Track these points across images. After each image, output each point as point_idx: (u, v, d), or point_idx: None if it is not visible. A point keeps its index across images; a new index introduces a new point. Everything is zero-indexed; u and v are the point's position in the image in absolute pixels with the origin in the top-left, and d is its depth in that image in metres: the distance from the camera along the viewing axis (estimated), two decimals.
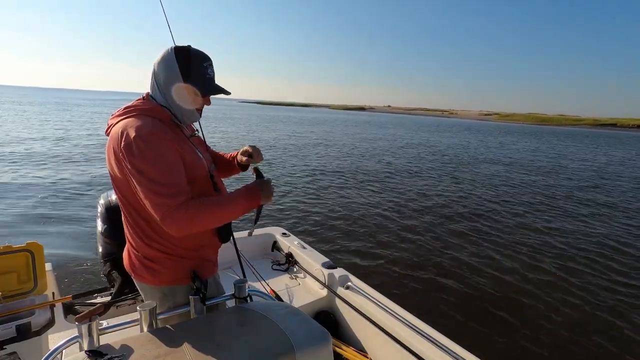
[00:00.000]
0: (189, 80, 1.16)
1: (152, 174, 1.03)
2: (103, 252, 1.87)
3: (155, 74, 1.18)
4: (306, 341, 1.01)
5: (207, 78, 1.18)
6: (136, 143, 1.02)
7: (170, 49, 1.16)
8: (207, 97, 1.23)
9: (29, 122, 18.59)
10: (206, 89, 1.19)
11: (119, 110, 1.16)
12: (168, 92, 1.17)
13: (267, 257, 3.05)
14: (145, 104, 1.16)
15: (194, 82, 1.16)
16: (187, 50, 1.16)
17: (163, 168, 1.04)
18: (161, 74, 1.16)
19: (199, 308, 1.19)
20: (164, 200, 1.03)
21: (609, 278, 4.42)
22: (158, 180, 1.03)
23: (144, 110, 1.13)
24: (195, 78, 1.16)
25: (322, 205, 6.84)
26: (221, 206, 1.13)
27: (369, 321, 2.02)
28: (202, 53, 1.19)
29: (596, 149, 26.16)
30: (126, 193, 1.14)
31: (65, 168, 8.60)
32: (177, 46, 1.17)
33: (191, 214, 1.04)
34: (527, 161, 15.84)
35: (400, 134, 29.29)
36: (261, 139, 18.09)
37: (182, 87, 1.16)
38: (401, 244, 5.11)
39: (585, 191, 9.84)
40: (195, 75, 1.16)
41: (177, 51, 1.15)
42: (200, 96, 1.20)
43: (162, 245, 1.18)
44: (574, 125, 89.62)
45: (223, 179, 1.47)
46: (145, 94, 1.21)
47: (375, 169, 11.32)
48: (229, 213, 1.16)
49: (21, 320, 1.36)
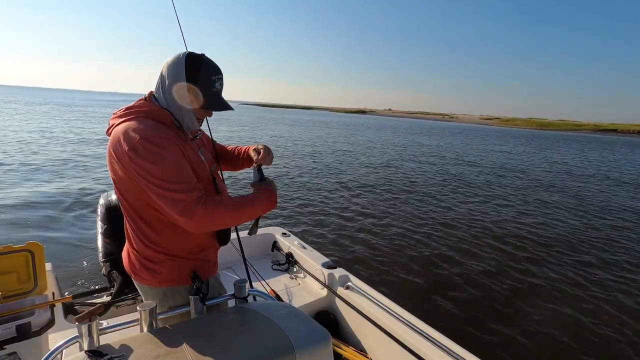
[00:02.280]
0: (194, 85, 1.14)
1: (162, 174, 1.02)
2: (103, 252, 1.88)
3: (162, 76, 1.16)
4: (306, 341, 1.01)
5: (213, 91, 1.16)
6: (142, 145, 1.01)
7: (183, 54, 1.15)
8: (209, 110, 1.22)
9: (28, 122, 18.58)
10: (210, 103, 1.17)
11: (120, 111, 1.15)
12: (170, 92, 1.15)
13: (267, 257, 3.05)
14: (147, 106, 1.15)
15: (201, 93, 1.14)
16: (199, 58, 1.14)
17: (172, 166, 1.04)
18: (168, 76, 1.15)
19: (199, 308, 1.18)
20: (180, 196, 1.02)
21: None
22: (169, 179, 1.02)
23: (145, 112, 1.12)
24: (201, 87, 1.14)
25: (322, 205, 6.84)
26: (241, 205, 1.13)
27: (369, 321, 2.02)
28: (215, 65, 1.17)
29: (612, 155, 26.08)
30: (127, 194, 1.13)
31: (65, 168, 8.60)
32: (190, 52, 1.15)
33: (210, 210, 1.04)
34: (534, 166, 15.85)
35: (400, 136, 29.27)
36: (261, 139, 18.10)
37: (183, 87, 1.14)
38: (401, 244, 5.10)
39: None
40: (201, 84, 1.14)
41: (189, 57, 1.14)
42: (200, 99, 1.17)
43: (162, 247, 1.18)
44: (574, 131, 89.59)
45: (228, 172, 1.47)
46: (148, 95, 1.20)
47: (376, 170, 11.32)
48: (247, 213, 1.16)
49: (21, 320, 1.36)
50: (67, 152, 10.72)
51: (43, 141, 12.52)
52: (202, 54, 1.17)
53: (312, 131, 27.24)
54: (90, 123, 21.49)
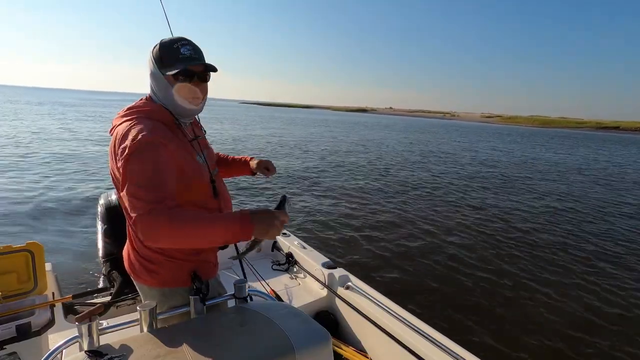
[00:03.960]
0: (164, 68, 1.12)
1: (136, 178, 0.98)
2: (103, 252, 1.88)
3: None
4: (306, 341, 1.01)
5: (180, 57, 1.11)
6: (130, 146, 1.00)
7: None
8: (199, 83, 1.15)
9: (28, 122, 18.59)
10: (180, 65, 1.10)
11: (122, 111, 1.16)
12: (154, 87, 1.17)
13: (267, 257, 3.05)
14: (146, 106, 1.15)
15: (169, 68, 1.11)
16: (159, 42, 1.14)
17: (149, 173, 0.98)
18: (149, 72, 1.16)
19: (199, 308, 1.18)
20: (141, 204, 0.94)
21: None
22: (141, 184, 0.97)
23: (144, 112, 1.12)
24: (169, 62, 1.11)
25: (322, 205, 6.84)
26: (198, 222, 0.95)
27: (369, 321, 2.02)
28: (175, 37, 1.15)
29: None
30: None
31: (65, 168, 8.61)
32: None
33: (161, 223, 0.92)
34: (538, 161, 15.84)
35: (401, 135, 29.26)
36: (260, 139, 18.10)
37: (157, 73, 1.14)
38: (402, 243, 5.11)
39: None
40: (168, 60, 1.11)
41: (154, 47, 1.14)
42: (181, 81, 1.12)
43: (160, 248, 1.17)
44: (576, 128, 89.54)
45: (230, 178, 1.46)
46: (148, 94, 1.22)
47: (376, 170, 11.32)
48: (205, 234, 0.96)
49: (21, 320, 1.36)
50: (68, 152, 10.71)
51: (43, 141, 12.53)
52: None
53: (311, 130, 27.24)
54: (90, 123, 21.49)
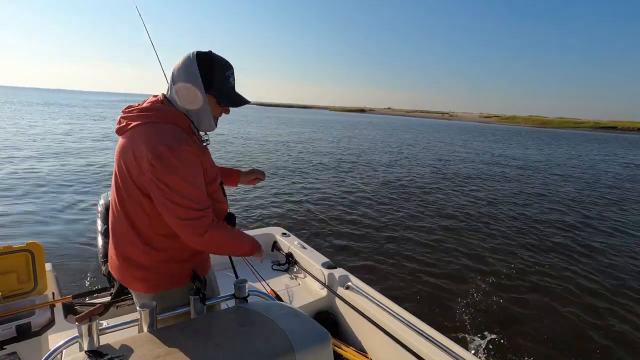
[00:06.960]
0: (211, 91, 1.13)
1: (183, 189, 1.03)
2: (103, 252, 1.87)
3: (173, 78, 1.14)
4: (306, 341, 1.01)
5: (229, 88, 1.17)
6: (166, 154, 1.00)
7: (192, 54, 1.12)
8: (227, 107, 1.22)
9: (28, 122, 18.57)
10: (228, 100, 1.18)
11: (134, 111, 1.11)
12: (186, 95, 1.12)
13: (267, 257, 3.04)
14: (165, 109, 1.11)
15: (216, 93, 1.14)
16: (209, 58, 1.12)
17: (193, 183, 1.05)
18: (181, 78, 1.12)
19: (199, 308, 1.19)
20: (197, 214, 1.06)
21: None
22: (189, 195, 1.04)
23: (164, 117, 1.09)
24: (218, 88, 1.14)
25: (322, 205, 6.83)
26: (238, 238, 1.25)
27: (369, 321, 2.02)
28: (225, 60, 1.16)
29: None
30: (134, 197, 1.10)
31: (65, 168, 8.58)
32: (199, 52, 1.13)
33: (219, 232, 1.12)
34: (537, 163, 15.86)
35: (401, 136, 29.27)
36: (260, 140, 18.09)
37: (199, 89, 1.12)
38: (402, 243, 5.10)
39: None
40: (217, 85, 1.13)
41: (199, 57, 1.12)
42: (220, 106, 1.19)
43: (162, 250, 1.16)
44: (574, 128, 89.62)
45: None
46: (162, 96, 1.17)
47: (376, 169, 11.31)
48: (238, 247, 1.26)
49: (21, 320, 1.36)
50: (68, 152, 10.69)
51: (43, 140, 12.51)
52: (210, 51, 1.15)
53: (310, 129, 27.24)
54: (90, 122, 21.47)
